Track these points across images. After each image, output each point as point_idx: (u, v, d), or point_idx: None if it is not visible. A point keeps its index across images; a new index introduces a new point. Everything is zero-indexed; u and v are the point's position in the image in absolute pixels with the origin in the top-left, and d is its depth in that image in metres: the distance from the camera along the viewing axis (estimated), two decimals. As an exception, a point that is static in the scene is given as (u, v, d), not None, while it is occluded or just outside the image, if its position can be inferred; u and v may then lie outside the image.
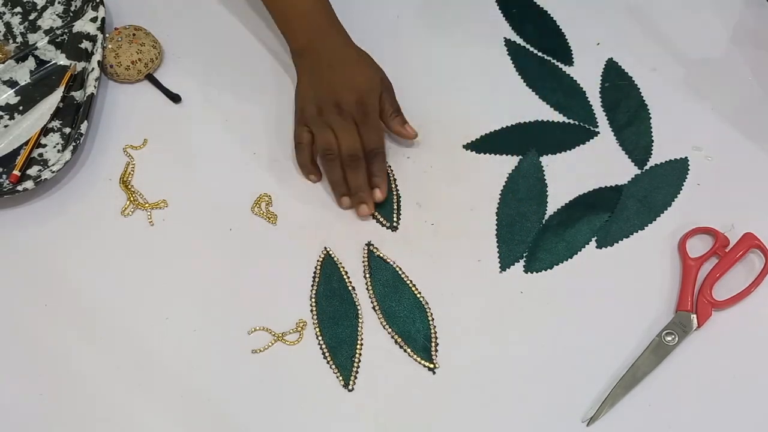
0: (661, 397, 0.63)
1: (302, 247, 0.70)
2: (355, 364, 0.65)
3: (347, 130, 0.70)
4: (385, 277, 0.69)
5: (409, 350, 0.66)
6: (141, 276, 0.69)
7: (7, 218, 0.72)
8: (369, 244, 0.70)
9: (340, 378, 0.65)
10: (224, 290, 0.69)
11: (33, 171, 0.73)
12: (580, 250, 0.70)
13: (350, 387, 0.64)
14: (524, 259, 0.70)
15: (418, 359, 0.65)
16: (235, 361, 0.66)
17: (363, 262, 0.70)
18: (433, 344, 0.66)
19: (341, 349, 0.66)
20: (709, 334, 0.66)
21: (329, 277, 0.69)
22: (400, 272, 0.69)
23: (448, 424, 0.63)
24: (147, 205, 0.72)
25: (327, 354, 0.66)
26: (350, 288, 0.69)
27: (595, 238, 0.70)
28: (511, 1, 0.83)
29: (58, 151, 0.75)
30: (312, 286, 0.69)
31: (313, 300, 0.68)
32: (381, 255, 0.70)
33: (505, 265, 0.69)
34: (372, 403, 0.64)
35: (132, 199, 0.73)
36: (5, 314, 0.68)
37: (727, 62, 0.79)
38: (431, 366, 0.65)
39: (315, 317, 0.67)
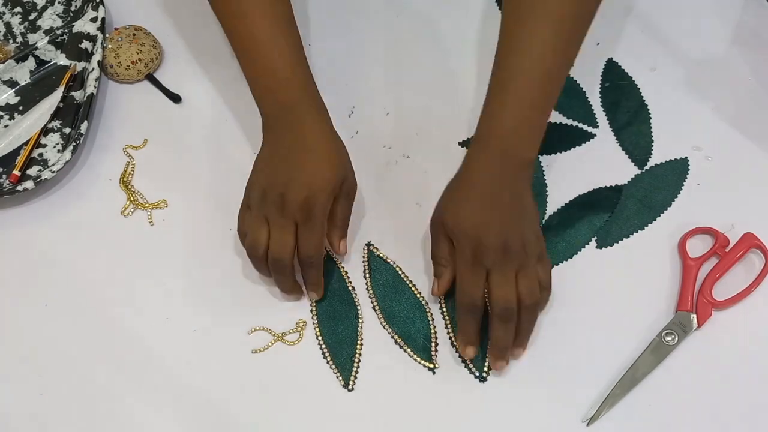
0: (661, 397, 0.63)
1: (302, 247, 0.70)
2: (355, 364, 0.65)
3: (281, 231, 0.63)
4: (385, 277, 0.69)
5: (409, 350, 0.66)
6: (141, 276, 0.69)
7: (7, 218, 0.72)
8: (369, 244, 0.70)
9: (340, 378, 0.65)
10: (224, 290, 0.69)
11: (33, 171, 0.74)
12: (580, 250, 0.70)
13: (350, 387, 0.65)
14: (524, 259, 0.70)
15: (418, 359, 0.65)
16: (235, 361, 0.66)
17: (363, 262, 0.70)
18: (433, 344, 0.66)
19: (341, 349, 0.66)
20: (709, 334, 0.66)
21: (329, 277, 0.69)
22: (400, 272, 0.69)
23: (448, 424, 0.63)
24: (147, 205, 0.73)
25: (327, 354, 0.66)
26: (350, 288, 0.69)
27: (595, 238, 0.70)
28: (511, 1, 0.83)
29: (58, 151, 0.75)
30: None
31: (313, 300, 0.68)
32: (381, 255, 0.70)
33: (505, 265, 0.69)
34: (372, 403, 0.64)
35: (132, 199, 0.73)
36: (5, 314, 0.68)
37: (727, 62, 0.79)
38: (431, 366, 0.65)
39: (315, 317, 0.67)
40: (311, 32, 0.81)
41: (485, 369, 0.65)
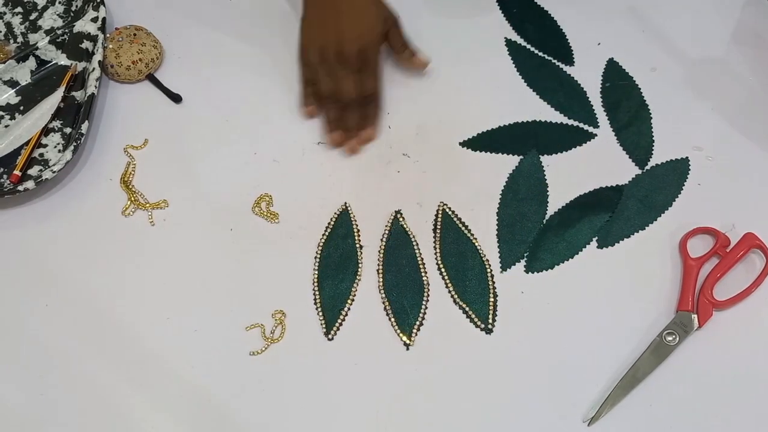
0: (662, 397, 0.63)
1: (302, 247, 0.70)
2: (340, 318, 0.67)
3: (347, 79, 0.73)
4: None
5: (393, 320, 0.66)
6: (141, 276, 0.69)
7: (8, 218, 0.72)
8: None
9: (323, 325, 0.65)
10: (225, 290, 0.69)
11: (34, 171, 0.74)
12: (581, 250, 0.70)
13: (330, 336, 0.65)
14: (525, 259, 0.70)
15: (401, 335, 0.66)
16: (236, 360, 0.66)
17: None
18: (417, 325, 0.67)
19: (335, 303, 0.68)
20: (710, 334, 0.66)
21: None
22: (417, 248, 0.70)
23: (448, 424, 0.63)
24: (148, 205, 0.73)
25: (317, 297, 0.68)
26: (357, 246, 0.70)
27: (596, 238, 0.70)
28: (511, 2, 0.83)
29: (59, 151, 0.75)
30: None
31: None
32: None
33: (505, 265, 0.69)
34: (373, 402, 0.64)
35: (133, 199, 0.73)
36: (5, 314, 0.68)
37: (727, 62, 0.79)
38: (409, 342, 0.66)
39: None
40: (312, 32, 0.81)
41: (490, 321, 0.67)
